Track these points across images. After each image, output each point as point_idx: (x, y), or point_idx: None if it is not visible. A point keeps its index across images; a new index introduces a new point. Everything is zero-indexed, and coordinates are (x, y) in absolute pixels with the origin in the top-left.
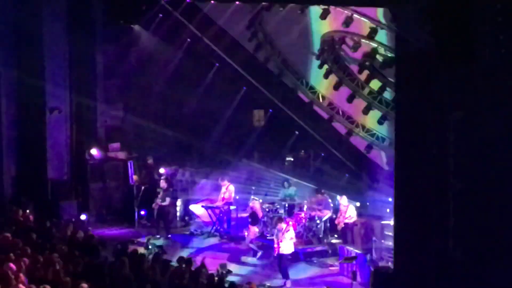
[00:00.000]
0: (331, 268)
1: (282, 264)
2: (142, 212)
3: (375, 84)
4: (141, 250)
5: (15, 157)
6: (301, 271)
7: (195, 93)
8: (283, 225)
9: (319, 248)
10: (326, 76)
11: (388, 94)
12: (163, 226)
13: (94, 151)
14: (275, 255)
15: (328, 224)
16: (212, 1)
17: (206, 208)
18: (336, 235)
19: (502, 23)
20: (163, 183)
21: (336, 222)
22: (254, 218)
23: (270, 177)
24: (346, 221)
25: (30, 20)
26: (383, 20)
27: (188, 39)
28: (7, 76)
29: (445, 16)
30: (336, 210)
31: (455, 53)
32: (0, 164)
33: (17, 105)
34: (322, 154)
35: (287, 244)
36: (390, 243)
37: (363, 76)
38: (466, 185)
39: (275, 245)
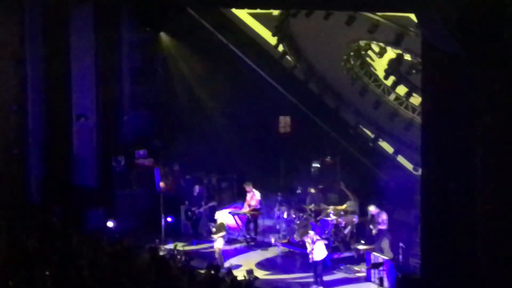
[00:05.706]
0: (358, 274)
1: (316, 270)
2: (169, 219)
3: (401, 90)
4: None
5: (42, 164)
6: (328, 278)
7: (221, 99)
8: (309, 236)
9: (346, 254)
10: (352, 82)
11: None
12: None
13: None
14: (310, 262)
15: (355, 230)
16: (236, 8)
17: (233, 214)
18: (363, 241)
19: None
20: None
21: (371, 227)
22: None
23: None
24: (380, 227)
25: (58, 28)
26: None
27: (214, 46)
28: (34, 83)
29: (474, 20)
30: (363, 214)
31: (484, 58)
32: (27, 171)
33: (44, 112)
34: (348, 160)
35: (318, 251)
36: (417, 249)
37: (388, 82)
38: (494, 189)
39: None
